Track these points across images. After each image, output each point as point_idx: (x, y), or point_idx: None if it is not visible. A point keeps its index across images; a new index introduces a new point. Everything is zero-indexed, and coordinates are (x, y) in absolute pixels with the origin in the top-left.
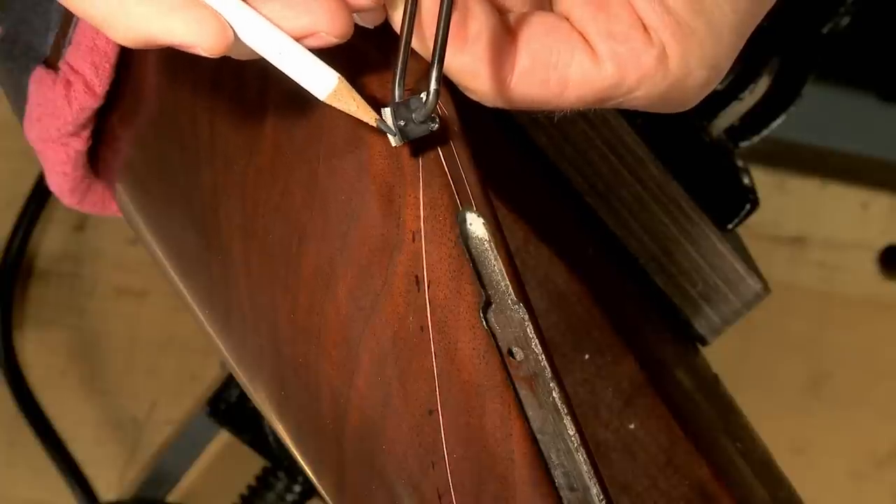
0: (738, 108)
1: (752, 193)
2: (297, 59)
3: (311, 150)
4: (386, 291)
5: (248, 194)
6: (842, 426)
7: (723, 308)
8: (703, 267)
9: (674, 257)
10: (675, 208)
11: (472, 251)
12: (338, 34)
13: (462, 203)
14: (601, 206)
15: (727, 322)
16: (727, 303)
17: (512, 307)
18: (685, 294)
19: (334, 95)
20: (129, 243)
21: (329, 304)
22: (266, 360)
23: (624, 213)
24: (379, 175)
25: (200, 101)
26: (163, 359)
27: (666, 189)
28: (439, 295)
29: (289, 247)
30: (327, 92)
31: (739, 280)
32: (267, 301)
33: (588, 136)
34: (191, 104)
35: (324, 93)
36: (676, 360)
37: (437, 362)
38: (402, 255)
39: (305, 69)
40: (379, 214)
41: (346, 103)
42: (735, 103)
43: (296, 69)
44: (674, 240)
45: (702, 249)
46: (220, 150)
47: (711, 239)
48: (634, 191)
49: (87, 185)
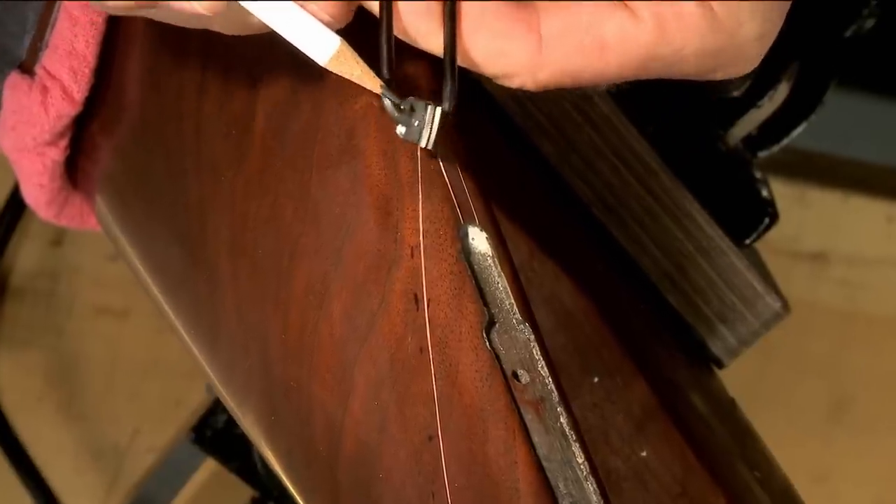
0: (756, 116)
1: (771, 206)
2: (296, 20)
3: (303, 160)
4: (383, 310)
5: (237, 207)
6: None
7: (740, 328)
8: (718, 284)
9: (688, 274)
10: (689, 222)
11: (474, 267)
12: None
13: (464, 216)
14: (610, 219)
15: (744, 343)
16: (744, 322)
17: (517, 327)
18: (700, 313)
19: (336, 59)
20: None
21: (322, 323)
22: (255, 384)
23: (634, 226)
24: (375, 186)
25: (186, 108)
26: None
27: (679, 201)
28: (439, 314)
29: (279, 262)
30: (329, 55)
31: (757, 298)
32: (256, 320)
33: (595, 144)
34: (175, 111)
35: (325, 56)
36: (691, 383)
37: (438, 385)
38: (400, 271)
39: (305, 31)
40: (375, 228)
41: (349, 68)
42: (753, 111)
43: (295, 31)
44: (688, 255)
45: (717, 266)
46: (206, 159)
47: (728, 255)
48: (645, 203)
49: (65, 198)
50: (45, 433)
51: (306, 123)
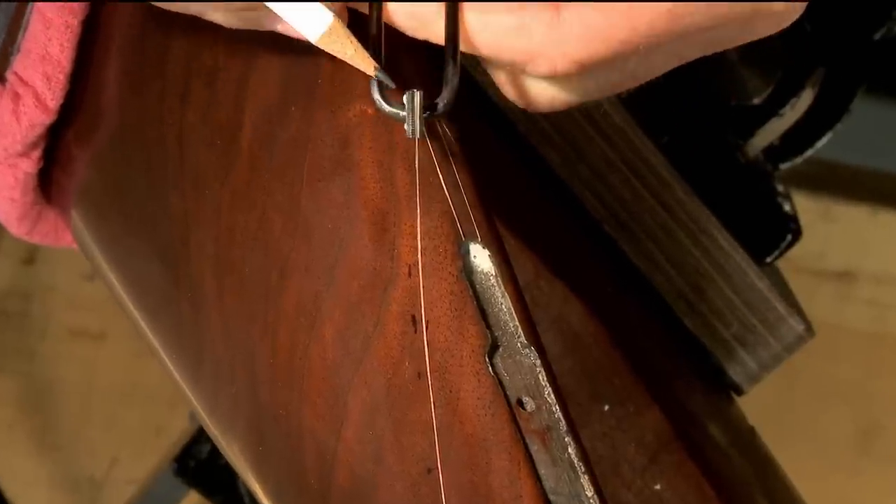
0: (778, 126)
1: (794, 222)
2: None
3: (293, 171)
4: (378, 332)
5: (222, 221)
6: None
7: (761, 352)
8: (738, 306)
9: (705, 294)
10: (706, 238)
11: (476, 287)
12: None
13: (465, 233)
14: (622, 235)
15: (766, 368)
16: (766, 346)
17: (521, 351)
18: (718, 336)
19: (328, 37)
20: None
21: (314, 346)
22: (242, 411)
23: (648, 243)
24: (370, 200)
25: (168, 116)
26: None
27: (696, 216)
28: (439, 337)
29: (268, 281)
30: (320, 33)
31: (779, 321)
32: (243, 343)
33: (607, 155)
34: (157, 119)
35: (316, 32)
36: (708, 411)
37: (437, 413)
38: (397, 291)
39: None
40: (370, 245)
41: (341, 46)
42: (775, 120)
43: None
44: (705, 275)
45: (737, 286)
46: (189, 170)
47: (748, 274)
48: (659, 218)
49: (38, 213)
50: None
51: (297, 132)
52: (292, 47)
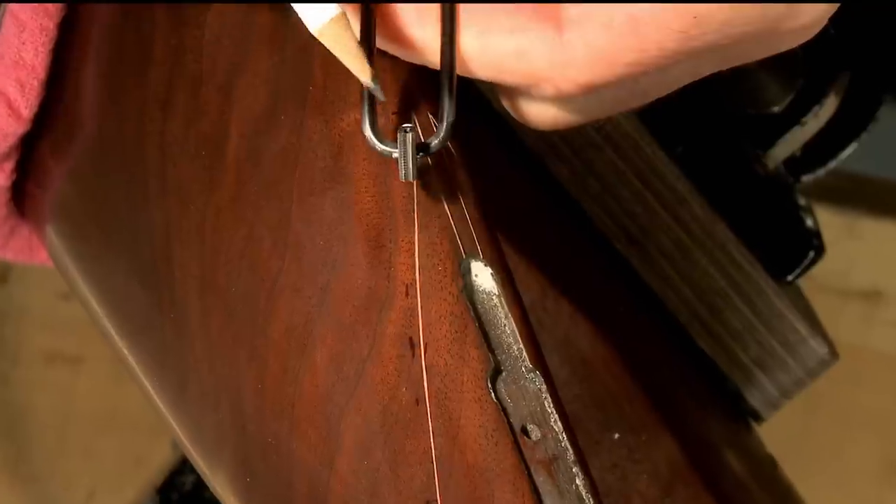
0: (799, 135)
1: (817, 238)
2: None
3: (283, 185)
4: (374, 357)
5: (207, 239)
6: None
7: (781, 377)
8: (757, 327)
9: (722, 315)
10: (723, 256)
11: (477, 308)
12: None
13: (466, 250)
14: (633, 253)
15: (786, 394)
16: (786, 371)
17: (526, 376)
18: (736, 360)
19: (331, 28)
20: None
21: (305, 372)
22: (228, 439)
23: (661, 261)
24: (365, 215)
25: (149, 125)
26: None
27: (712, 233)
28: (438, 361)
29: (256, 303)
30: (324, 20)
31: (801, 343)
32: (229, 368)
33: (617, 167)
34: (137, 129)
35: (320, 20)
36: (725, 439)
37: (436, 443)
38: (394, 312)
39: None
40: (365, 263)
41: (340, 45)
42: (796, 129)
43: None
44: (722, 294)
45: (756, 306)
46: (172, 184)
47: (767, 293)
48: (674, 234)
49: (11, 228)
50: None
51: (286, 143)
52: (282, 52)
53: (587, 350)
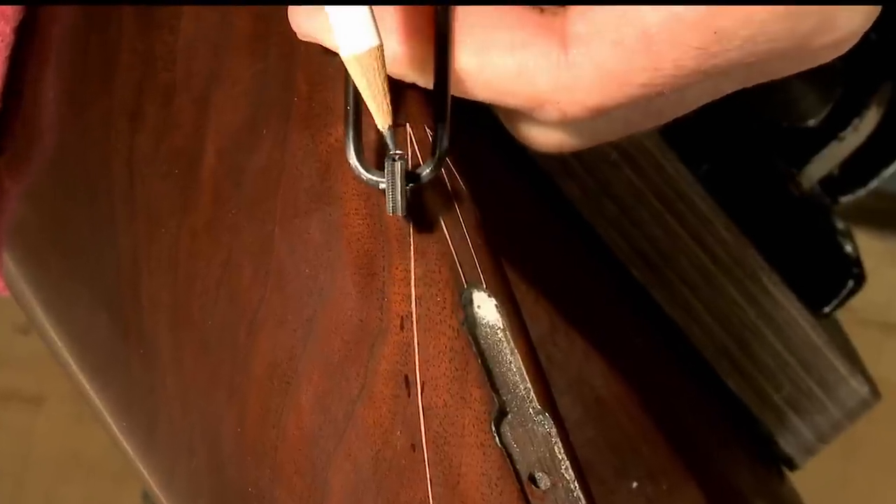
0: (837, 151)
1: (857, 266)
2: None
3: (264, 207)
4: (365, 397)
5: (181, 266)
6: None
7: (817, 420)
8: (791, 364)
9: (752, 351)
10: (753, 285)
11: (480, 343)
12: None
13: (467, 278)
14: (653, 280)
15: (823, 438)
16: (823, 412)
17: (534, 418)
18: (767, 401)
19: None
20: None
21: (289, 413)
22: (203, 488)
23: (683, 290)
24: (355, 240)
25: (116, 140)
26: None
27: (741, 259)
28: (437, 402)
29: (234, 337)
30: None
31: (840, 382)
32: (205, 409)
33: (635, 187)
34: (103, 143)
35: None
36: (755, 488)
37: (434, 492)
38: (387, 347)
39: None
40: (355, 293)
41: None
42: (834, 144)
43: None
44: (752, 328)
45: (789, 341)
46: (141, 205)
47: (802, 326)
48: (698, 261)
49: None
50: None
51: (268, 160)
52: (264, 59)
53: (602, 388)
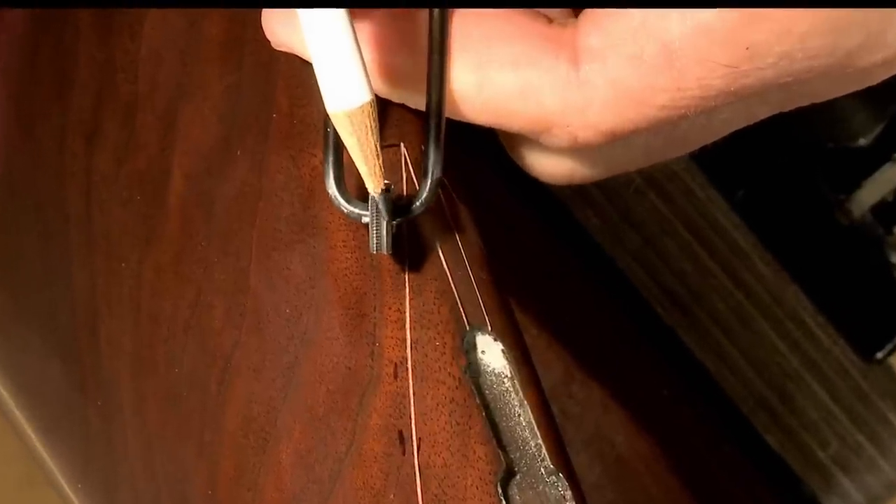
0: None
1: None
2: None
3: (239, 238)
4: (354, 455)
5: (143, 306)
6: None
7: (868, 480)
8: (838, 418)
9: (794, 403)
10: (795, 327)
11: (485, 393)
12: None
13: (470, 320)
14: (681, 322)
15: (875, 501)
16: (875, 472)
17: (546, 479)
18: (811, 459)
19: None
20: None
21: (267, 473)
22: None
23: (716, 333)
24: (343, 276)
25: (71, 163)
26: None
27: (782, 298)
28: (436, 461)
29: (205, 387)
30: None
31: (894, 436)
32: (172, 469)
33: (662, 216)
34: (56, 167)
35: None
36: None
37: None
38: (379, 398)
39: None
40: (342, 337)
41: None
42: (887, 167)
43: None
44: (794, 376)
45: (837, 391)
46: (100, 237)
47: (852, 374)
48: (732, 300)
49: None
50: None
51: (243, 186)
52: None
53: (623, 446)
